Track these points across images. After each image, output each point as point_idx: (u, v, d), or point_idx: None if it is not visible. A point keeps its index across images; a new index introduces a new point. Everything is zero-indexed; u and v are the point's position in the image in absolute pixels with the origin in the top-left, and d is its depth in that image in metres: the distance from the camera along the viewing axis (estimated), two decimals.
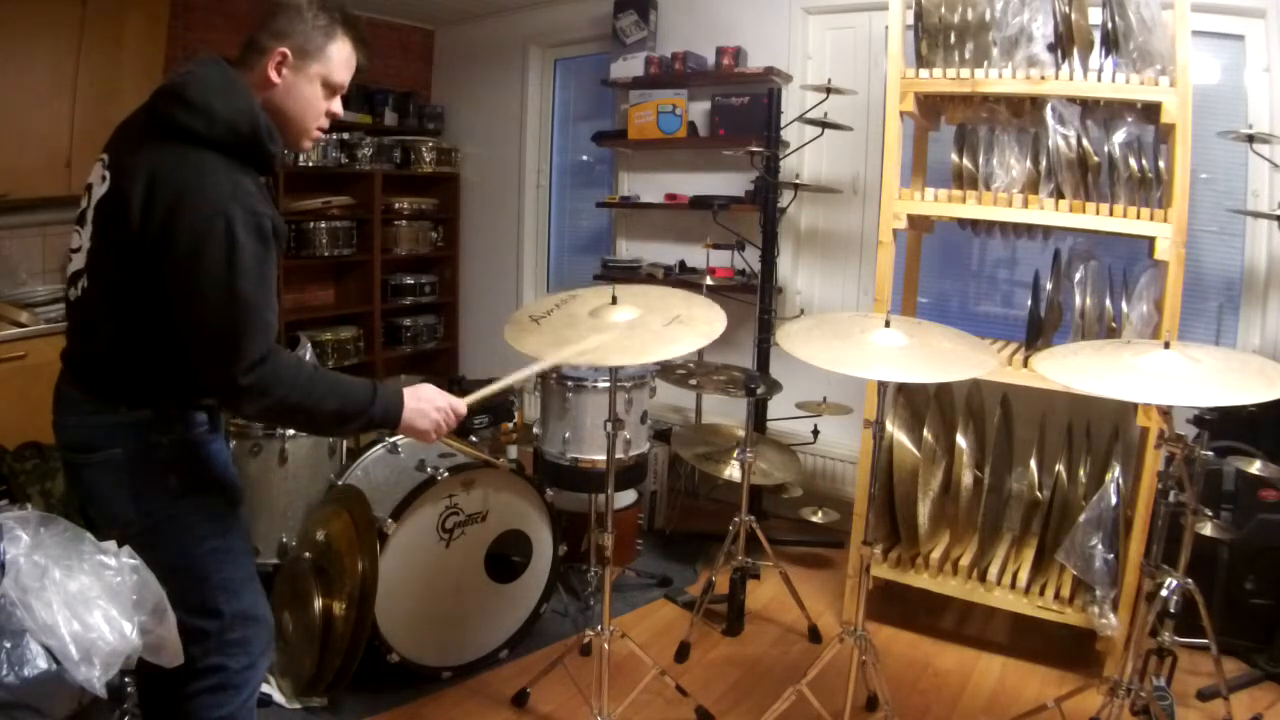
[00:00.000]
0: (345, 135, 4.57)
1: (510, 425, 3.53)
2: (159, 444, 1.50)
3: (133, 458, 1.48)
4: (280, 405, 1.43)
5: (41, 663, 1.29)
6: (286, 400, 1.42)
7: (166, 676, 1.53)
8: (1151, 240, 2.42)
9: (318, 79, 1.52)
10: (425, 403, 1.59)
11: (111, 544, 1.42)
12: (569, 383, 2.82)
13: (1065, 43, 2.52)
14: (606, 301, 2.04)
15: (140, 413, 1.48)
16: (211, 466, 1.57)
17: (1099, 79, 2.45)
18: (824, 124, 3.33)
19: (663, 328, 1.98)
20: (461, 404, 1.66)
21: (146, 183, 1.39)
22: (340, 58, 1.53)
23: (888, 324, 2.00)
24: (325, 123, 1.58)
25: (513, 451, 3.60)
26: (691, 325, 2.00)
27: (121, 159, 1.45)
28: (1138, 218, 2.44)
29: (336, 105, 1.58)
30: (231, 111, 1.41)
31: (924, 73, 2.66)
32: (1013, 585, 2.72)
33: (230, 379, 1.39)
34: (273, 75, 1.48)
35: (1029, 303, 2.62)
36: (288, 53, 1.47)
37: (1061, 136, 2.49)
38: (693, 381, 3.00)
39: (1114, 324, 2.59)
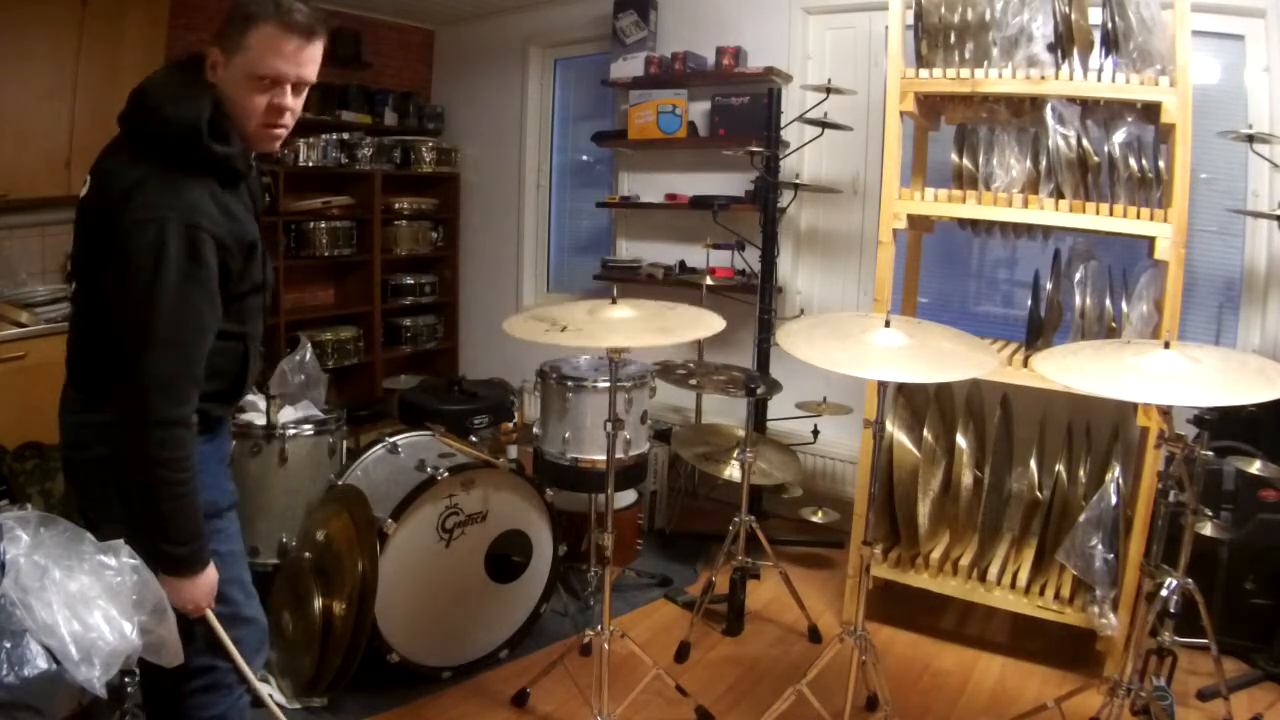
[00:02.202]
0: (345, 135, 4.57)
1: (510, 425, 3.53)
2: None
3: (120, 457, 1.46)
4: (148, 460, 1.38)
5: (41, 663, 1.29)
6: (152, 462, 1.37)
7: (164, 676, 1.53)
8: (1151, 240, 2.42)
9: (242, 75, 1.43)
10: (202, 587, 1.49)
11: (111, 544, 1.41)
12: (569, 382, 2.82)
13: (1065, 43, 2.52)
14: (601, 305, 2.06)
15: None
16: (200, 469, 1.51)
17: (1099, 79, 2.45)
18: (824, 124, 3.33)
19: (673, 314, 2.08)
20: (205, 607, 1.52)
21: (104, 186, 1.41)
22: (260, 46, 1.41)
23: (888, 324, 2.00)
24: (272, 118, 1.47)
25: (513, 451, 3.59)
26: (686, 315, 2.07)
27: (99, 163, 1.47)
28: (1138, 218, 2.44)
29: (283, 98, 1.46)
30: (176, 114, 1.39)
31: (924, 73, 2.66)
32: (1013, 585, 2.72)
33: (126, 395, 1.37)
34: (210, 75, 1.45)
35: (1029, 303, 2.62)
36: (218, 51, 1.43)
37: (1061, 136, 2.50)
38: (693, 381, 2.99)
39: (1114, 324, 2.59)
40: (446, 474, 2.46)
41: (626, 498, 3.32)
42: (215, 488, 1.60)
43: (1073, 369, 1.87)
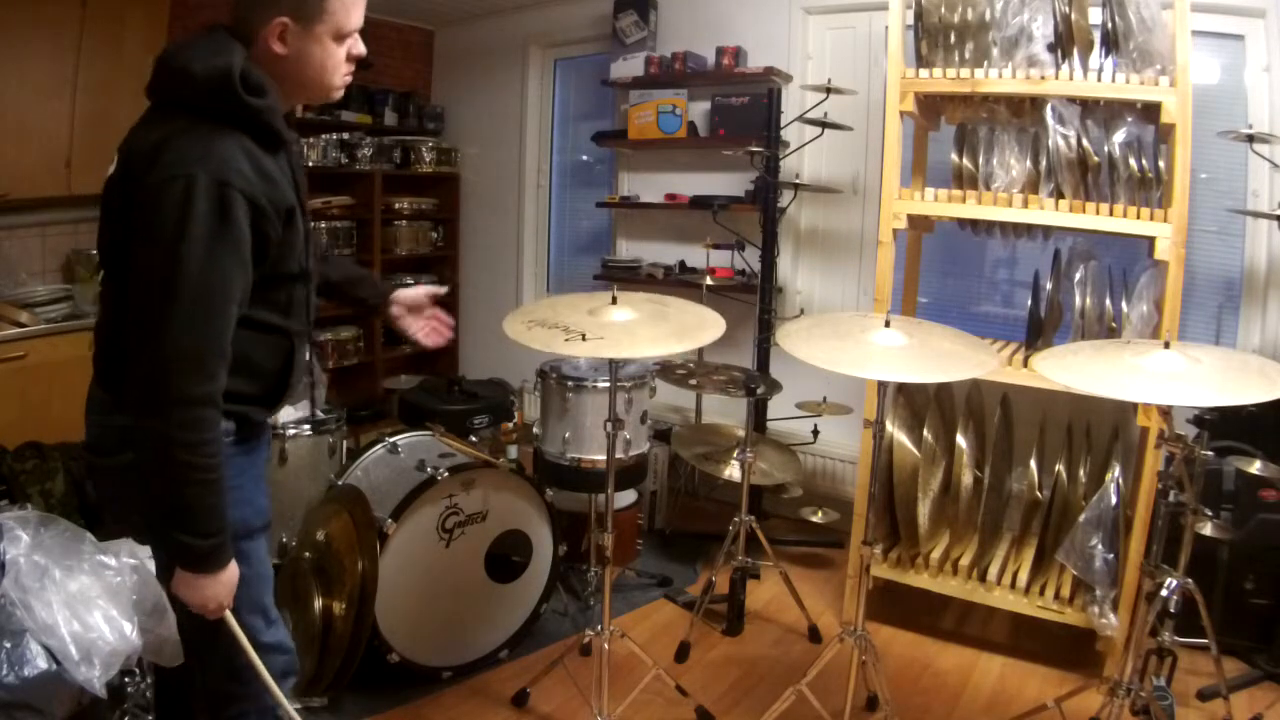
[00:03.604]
0: (345, 135, 4.57)
1: (510, 425, 3.53)
2: None
3: (145, 465, 1.34)
4: (171, 442, 1.27)
5: (41, 663, 1.29)
6: (174, 445, 1.26)
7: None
8: (1151, 240, 2.42)
9: (326, 36, 1.38)
10: (224, 584, 1.39)
11: (112, 544, 1.41)
12: (569, 382, 2.82)
13: (1065, 43, 2.52)
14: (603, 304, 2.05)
15: None
16: (233, 484, 1.39)
17: (1099, 79, 2.45)
18: (824, 124, 3.33)
19: (673, 311, 2.06)
20: (225, 606, 1.42)
21: (129, 153, 1.33)
22: (342, 6, 1.38)
23: (888, 324, 2.00)
24: (351, 68, 1.46)
25: (513, 451, 3.60)
26: (685, 311, 2.06)
27: (125, 139, 1.39)
28: (1138, 218, 2.44)
29: (358, 47, 1.44)
30: (207, 70, 1.30)
31: (924, 73, 2.66)
32: (1013, 585, 2.72)
33: (147, 369, 1.26)
34: (277, 47, 1.36)
35: (1029, 303, 2.63)
36: (287, 21, 1.35)
37: (1061, 136, 2.49)
38: (693, 381, 2.99)
39: (1114, 324, 2.59)
40: (446, 474, 2.46)
41: (626, 498, 3.32)
42: (250, 504, 1.48)
43: (1073, 369, 1.87)
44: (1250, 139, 2.60)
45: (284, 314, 1.46)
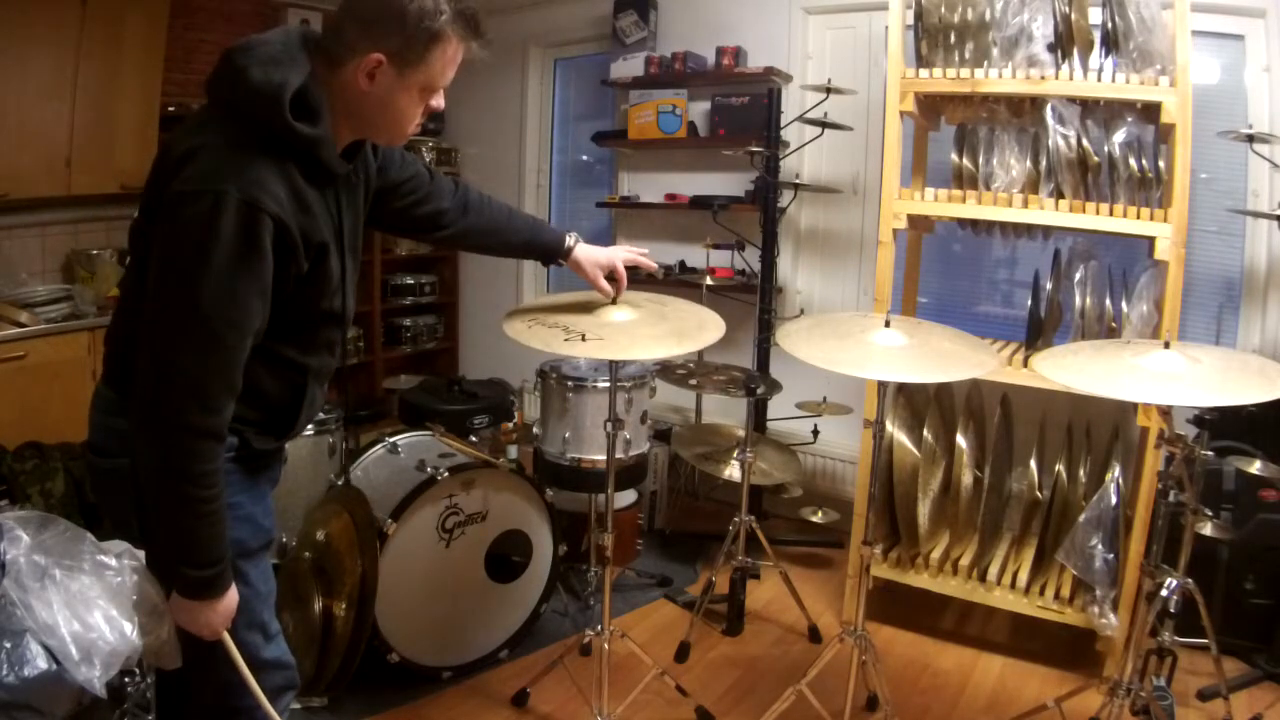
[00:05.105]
0: None
1: (510, 425, 3.53)
2: None
3: (142, 481, 1.28)
4: (173, 472, 1.21)
5: (41, 663, 1.29)
6: (171, 473, 1.21)
7: None
8: (1151, 240, 2.42)
9: (415, 87, 1.32)
10: (220, 613, 1.33)
11: (112, 544, 1.41)
12: (569, 382, 2.82)
13: (1065, 43, 2.53)
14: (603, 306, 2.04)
15: None
16: (229, 500, 1.32)
17: (1099, 79, 2.46)
18: (824, 124, 3.33)
19: (673, 310, 2.07)
20: (221, 631, 1.36)
21: (166, 149, 1.26)
22: (443, 62, 1.33)
23: (888, 324, 2.00)
24: (424, 120, 1.41)
25: (513, 451, 3.60)
26: (685, 311, 2.08)
27: (173, 132, 1.32)
28: (1138, 218, 2.44)
29: (438, 100, 1.39)
30: (262, 79, 1.21)
31: (924, 73, 2.66)
32: (1013, 585, 2.72)
33: (153, 396, 1.21)
34: (363, 83, 1.28)
35: (1029, 303, 2.63)
36: (383, 59, 1.27)
37: (1061, 136, 2.50)
38: (693, 381, 2.99)
39: (1114, 324, 2.60)
40: (446, 474, 2.46)
41: (626, 498, 3.32)
42: (248, 523, 1.42)
43: (1073, 369, 1.87)
44: (1250, 139, 2.60)
45: (302, 350, 1.40)
